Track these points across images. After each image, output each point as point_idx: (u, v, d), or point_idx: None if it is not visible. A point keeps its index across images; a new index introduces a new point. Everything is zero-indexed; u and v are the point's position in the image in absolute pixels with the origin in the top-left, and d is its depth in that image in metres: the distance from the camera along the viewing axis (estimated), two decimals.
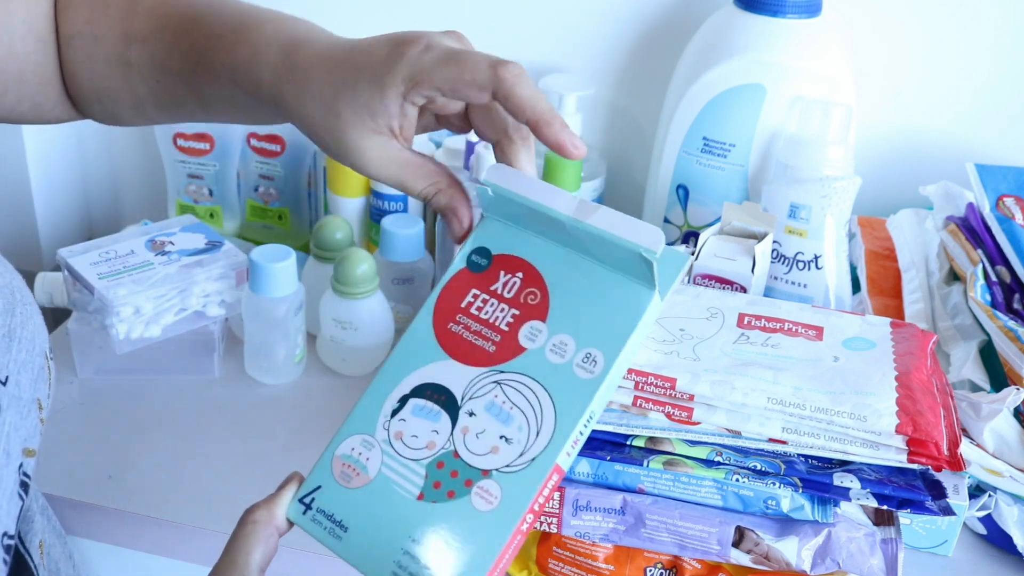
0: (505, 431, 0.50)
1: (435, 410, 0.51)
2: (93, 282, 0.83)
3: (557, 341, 0.51)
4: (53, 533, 0.62)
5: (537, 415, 0.50)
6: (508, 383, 0.51)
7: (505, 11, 1.02)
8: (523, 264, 0.53)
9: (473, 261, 0.55)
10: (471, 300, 0.54)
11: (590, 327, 0.51)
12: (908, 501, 0.61)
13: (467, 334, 0.53)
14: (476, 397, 0.51)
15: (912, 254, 0.89)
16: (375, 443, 0.52)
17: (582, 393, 0.50)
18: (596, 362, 0.50)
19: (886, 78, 0.98)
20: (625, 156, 1.05)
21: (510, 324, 0.52)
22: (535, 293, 0.52)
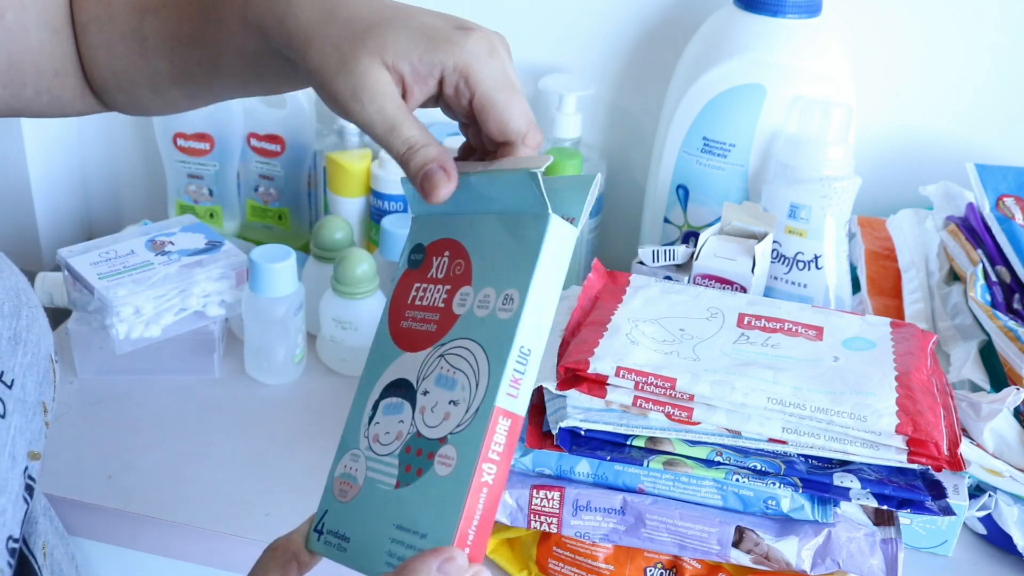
0: (452, 396, 0.50)
1: (399, 403, 0.52)
2: (93, 282, 0.83)
3: (481, 296, 0.51)
4: (56, 535, 0.62)
5: (475, 370, 0.50)
6: (448, 352, 0.51)
7: (505, 11, 1.02)
8: (448, 243, 0.54)
9: (412, 260, 0.56)
10: (415, 294, 0.55)
11: (504, 272, 0.51)
12: (908, 501, 0.61)
13: (415, 324, 0.54)
14: (428, 376, 0.52)
15: (912, 254, 0.89)
16: (360, 453, 0.53)
17: (505, 332, 0.49)
18: (512, 299, 0.50)
19: (886, 78, 0.98)
20: (625, 156, 1.05)
21: (445, 300, 0.53)
22: (460, 263, 0.53)
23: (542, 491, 0.65)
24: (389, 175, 0.95)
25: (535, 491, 0.65)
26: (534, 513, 0.66)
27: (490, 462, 0.49)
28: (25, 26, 0.66)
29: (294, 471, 0.79)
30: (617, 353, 0.65)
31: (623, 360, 0.65)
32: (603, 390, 0.64)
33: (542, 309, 0.50)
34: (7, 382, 0.53)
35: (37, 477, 0.55)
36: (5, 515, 0.51)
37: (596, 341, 0.67)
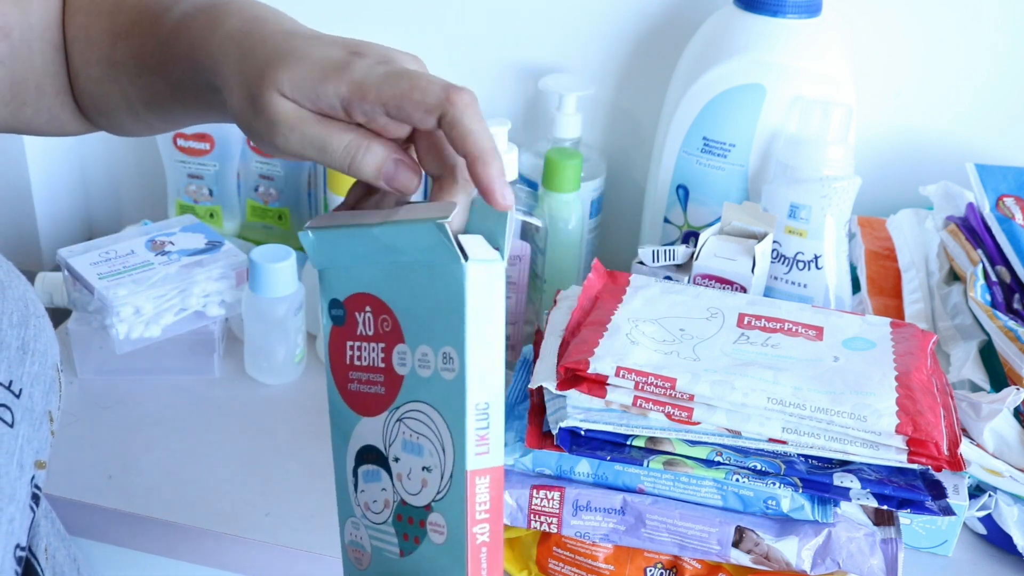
0: (423, 462, 0.50)
1: (375, 470, 0.52)
2: (93, 282, 0.83)
3: (420, 356, 0.50)
4: (57, 537, 0.62)
5: (437, 434, 0.49)
6: (405, 417, 0.50)
7: (505, 11, 1.02)
8: (366, 297, 0.52)
9: (334, 316, 0.54)
10: (351, 353, 0.53)
11: (435, 328, 0.49)
12: (908, 501, 0.61)
13: (362, 387, 0.52)
14: (393, 442, 0.51)
15: (912, 254, 0.89)
16: (359, 521, 0.53)
17: (455, 393, 0.48)
18: (452, 359, 0.48)
19: (886, 78, 0.98)
20: (625, 156, 1.05)
21: (384, 359, 0.51)
22: (386, 320, 0.51)
23: (542, 491, 0.65)
24: None
25: (535, 491, 0.65)
26: (534, 513, 0.66)
27: (480, 523, 0.48)
28: (30, 44, 0.66)
29: (294, 471, 0.79)
30: (617, 353, 0.65)
31: (623, 360, 0.64)
32: (603, 390, 0.64)
33: (487, 359, 0.48)
34: (15, 391, 0.53)
35: (43, 486, 0.56)
36: (13, 523, 0.51)
37: (596, 341, 0.67)
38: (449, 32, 1.04)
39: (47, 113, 0.68)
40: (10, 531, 0.51)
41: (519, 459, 0.67)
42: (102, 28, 0.65)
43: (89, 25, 0.66)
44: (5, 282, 0.56)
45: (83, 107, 0.69)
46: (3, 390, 0.53)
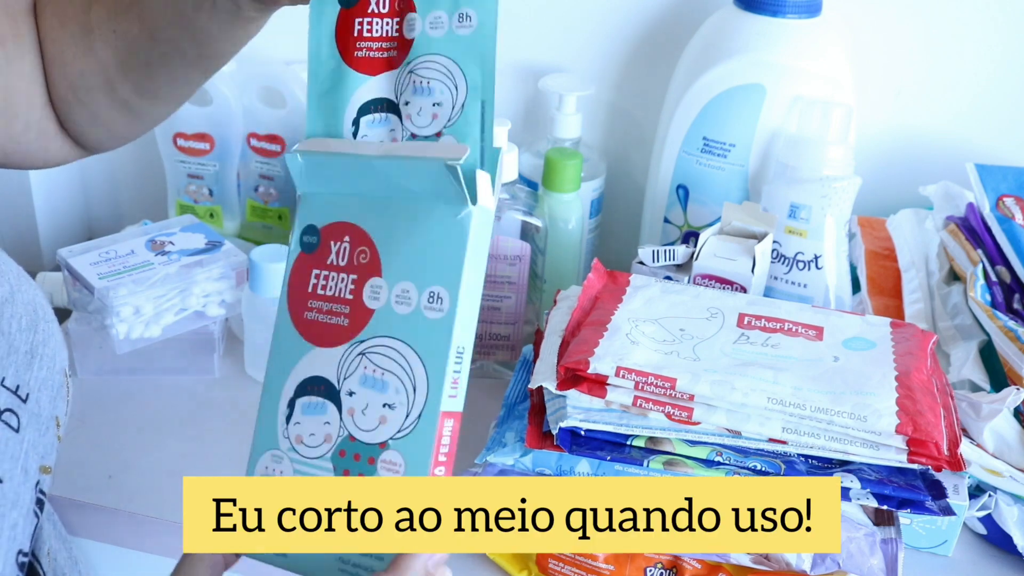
0: (385, 398, 0.49)
1: (320, 402, 0.51)
2: (93, 282, 0.83)
3: (399, 291, 0.50)
4: (58, 538, 0.62)
5: (408, 372, 0.49)
6: (371, 351, 0.50)
7: (505, 11, 1.02)
8: (347, 227, 0.52)
9: (305, 243, 0.53)
10: (315, 282, 0.52)
11: (425, 266, 0.49)
12: (908, 501, 0.61)
13: (321, 316, 0.51)
14: (349, 375, 0.50)
15: (912, 254, 0.89)
16: (283, 455, 0.52)
17: (440, 334, 0.48)
18: (442, 299, 0.49)
19: (886, 78, 0.98)
20: (625, 156, 1.05)
21: (353, 291, 0.51)
22: (365, 251, 0.51)
23: None
24: None
25: None
26: None
27: (440, 465, 0.49)
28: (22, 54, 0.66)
29: None
30: (617, 353, 0.65)
31: (623, 360, 0.65)
32: (603, 390, 0.64)
33: (473, 305, 0.49)
34: (22, 396, 0.54)
35: (47, 491, 0.56)
36: (16, 529, 0.51)
37: (596, 341, 0.67)
38: None
39: (35, 128, 0.69)
40: (12, 536, 0.51)
41: (519, 459, 0.67)
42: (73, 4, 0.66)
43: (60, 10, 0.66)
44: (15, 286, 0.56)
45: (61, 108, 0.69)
46: (10, 394, 0.53)
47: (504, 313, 0.87)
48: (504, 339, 0.89)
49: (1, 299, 0.55)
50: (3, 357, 0.53)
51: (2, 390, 0.52)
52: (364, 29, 0.53)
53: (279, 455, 0.52)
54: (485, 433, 0.74)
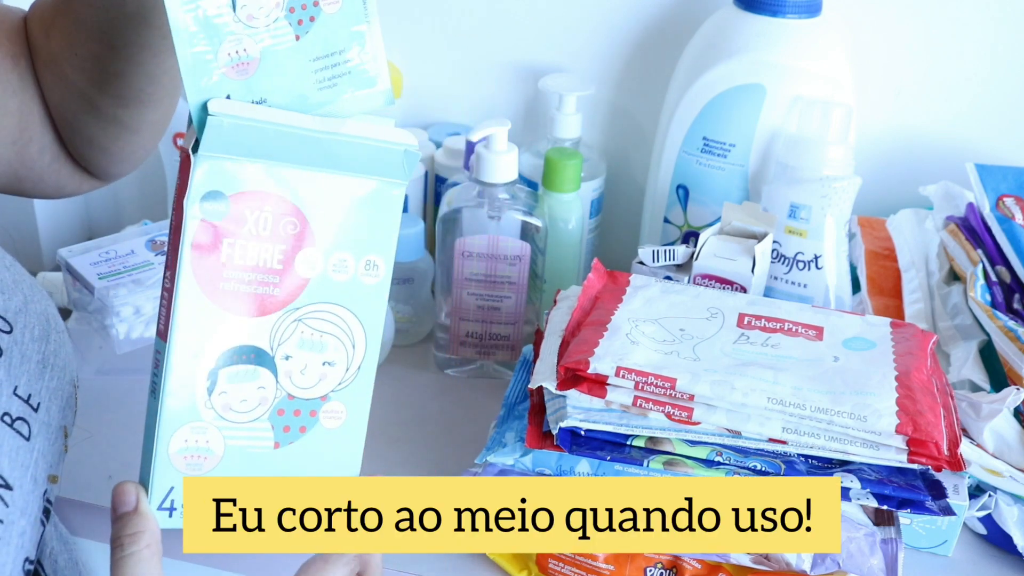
0: (324, 357, 0.53)
1: (250, 370, 0.52)
2: (93, 282, 0.83)
3: (336, 260, 0.52)
4: (59, 540, 0.62)
5: (347, 331, 0.53)
6: (308, 317, 0.52)
7: (505, 11, 1.02)
8: (264, 196, 0.51)
9: (208, 210, 0.50)
10: (229, 251, 0.50)
11: (361, 237, 0.53)
12: (908, 501, 0.61)
13: (243, 287, 0.51)
14: (284, 341, 0.52)
15: (912, 254, 0.89)
16: (207, 425, 0.52)
17: (376, 297, 0.54)
18: (378, 266, 0.53)
19: (886, 78, 0.98)
20: (625, 156, 1.05)
21: (282, 261, 0.51)
22: (293, 222, 0.51)
23: None
24: None
25: None
26: None
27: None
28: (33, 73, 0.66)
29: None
30: (617, 353, 0.65)
31: (623, 360, 0.65)
32: (603, 390, 0.64)
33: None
34: (33, 405, 0.54)
35: (54, 500, 0.56)
36: (24, 537, 0.51)
37: (596, 341, 0.67)
38: (449, 32, 1.04)
39: (50, 153, 0.68)
40: (20, 544, 0.51)
41: (519, 459, 0.67)
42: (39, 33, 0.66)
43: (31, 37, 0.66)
44: (28, 296, 0.57)
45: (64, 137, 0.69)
46: (22, 403, 0.53)
47: (504, 313, 0.87)
48: (504, 339, 0.89)
49: (15, 309, 0.55)
50: (16, 366, 0.54)
51: (14, 398, 0.53)
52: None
53: (203, 427, 0.52)
54: (485, 433, 0.74)
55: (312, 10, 0.51)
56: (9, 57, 0.65)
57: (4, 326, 0.54)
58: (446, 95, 1.07)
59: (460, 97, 1.07)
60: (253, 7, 0.51)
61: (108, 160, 0.71)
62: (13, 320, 0.54)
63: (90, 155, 0.70)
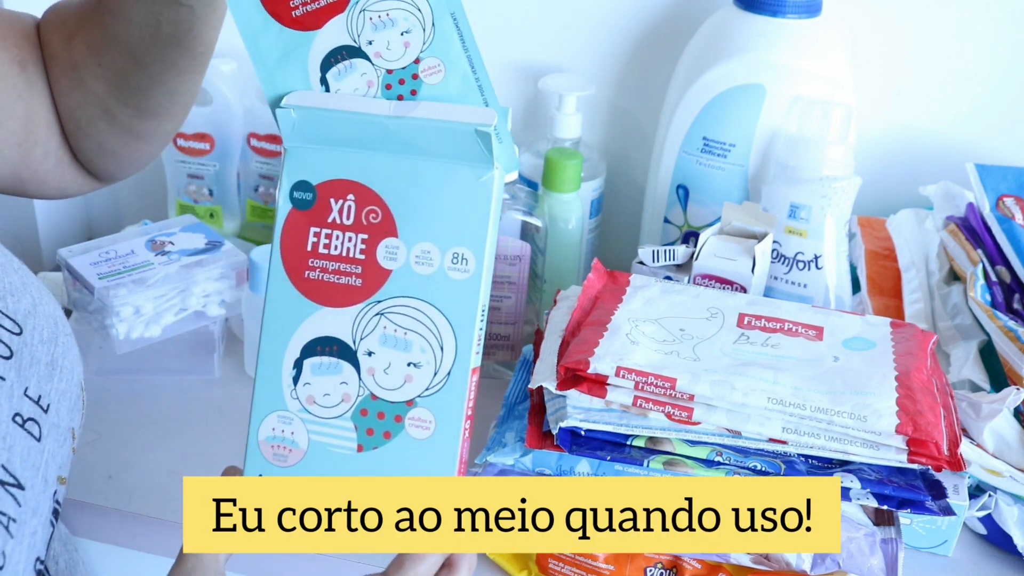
0: (410, 357, 0.50)
1: (333, 362, 0.51)
2: (93, 282, 0.83)
3: (419, 252, 0.50)
4: (60, 541, 0.62)
5: (433, 331, 0.50)
6: (390, 311, 0.50)
7: (505, 11, 1.02)
8: (351, 185, 0.51)
9: (297, 199, 0.51)
10: (315, 240, 0.51)
11: (446, 227, 0.50)
12: (908, 501, 0.61)
13: (327, 276, 0.51)
14: (367, 335, 0.50)
15: (912, 254, 0.89)
16: (292, 416, 0.52)
17: (467, 294, 0.50)
18: (467, 259, 0.50)
19: (886, 78, 0.98)
20: (625, 156, 1.05)
21: (364, 251, 0.50)
22: (375, 211, 0.50)
23: None
24: None
25: None
26: None
27: (468, 419, 0.51)
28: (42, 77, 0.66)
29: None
30: (617, 353, 0.65)
31: (623, 360, 0.65)
32: (603, 390, 0.64)
33: (491, 264, 0.51)
34: (44, 406, 0.54)
35: (63, 501, 0.56)
36: (36, 536, 0.52)
37: (596, 341, 0.67)
38: None
39: (54, 156, 0.69)
40: (32, 544, 0.51)
41: (519, 459, 0.67)
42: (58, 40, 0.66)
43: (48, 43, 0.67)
44: (37, 299, 0.57)
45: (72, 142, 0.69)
46: (33, 404, 0.53)
47: (504, 313, 0.87)
48: (504, 339, 0.89)
49: (24, 311, 0.55)
50: (26, 367, 0.54)
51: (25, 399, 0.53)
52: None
53: (287, 416, 0.52)
54: (485, 433, 0.74)
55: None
56: (16, 62, 0.65)
57: (15, 328, 0.54)
58: None
59: None
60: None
61: (115, 165, 0.72)
62: (23, 322, 0.55)
63: (98, 160, 0.71)
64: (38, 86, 0.66)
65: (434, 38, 0.51)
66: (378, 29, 0.51)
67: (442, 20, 0.50)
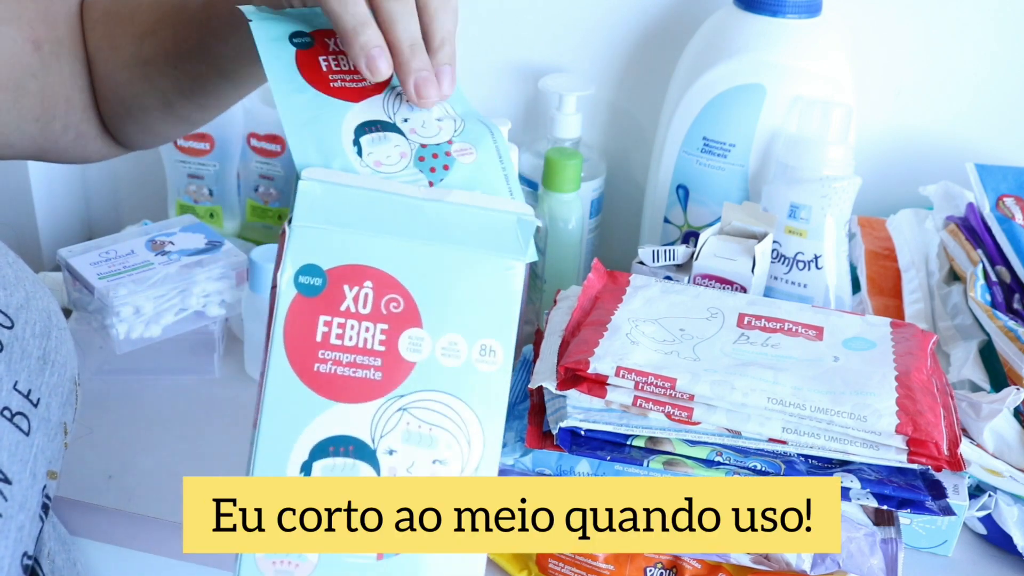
0: (435, 454, 0.47)
1: (349, 463, 0.47)
2: (93, 282, 0.83)
3: (446, 343, 0.47)
4: (57, 540, 0.62)
5: (460, 425, 0.47)
6: (414, 407, 0.47)
7: (505, 11, 1.02)
8: (368, 271, 0.47)
9: (303, 285, 0.46)
10: (325, 330, 0.46)
11: (474, 318, 0.47)
12: (908, 501, 0.61)
13: (341, 369, 0.46)
14: (388, 433, 0.47)
15: (912, 254, 0.89)
16: None
17: (495, 386, 0.47)
18: (495, 351, 0.47)
19: (886, 78, 0.98)
20: (625, 156, 1.05)
21: (384, 342, 0.46)
22: (396, 300, 0.47)
23: None
24: None
25: None
26: None
27: None
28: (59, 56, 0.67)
29: None
30: (617, 353, 0.65)
31: (623, 360, 0.65)
32: (603, 390, 0.64)
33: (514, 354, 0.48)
34: (33, 401, 0.54)
35: (53, 496, 0.56)
36: (22, 532, 0.52)
37: (596, 341, 0.67)
38: None
39: (75, 130, 0.69)
40: (19, 539, 0.51)
41: (519, 459, 0.67)
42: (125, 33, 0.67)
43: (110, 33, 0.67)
44: (31, 293, 0.57)
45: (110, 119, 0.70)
46: (22, 398, 0.53)
47: None
48: None
49: (17, 305, 0.55)
50: (16, 361, 0.54)
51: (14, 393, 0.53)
52: (332, 65, 0.51)
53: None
54: None
55: (445, 159, 0.50)
56: (30, 41, 0.65)
57: (5, 321, 0.54)
58: None
59: None
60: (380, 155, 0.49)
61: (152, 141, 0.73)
62: (15, 316, 0.55)
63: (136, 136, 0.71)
64: (55, 67, 0.66)
65: (466, 127, 0.51)
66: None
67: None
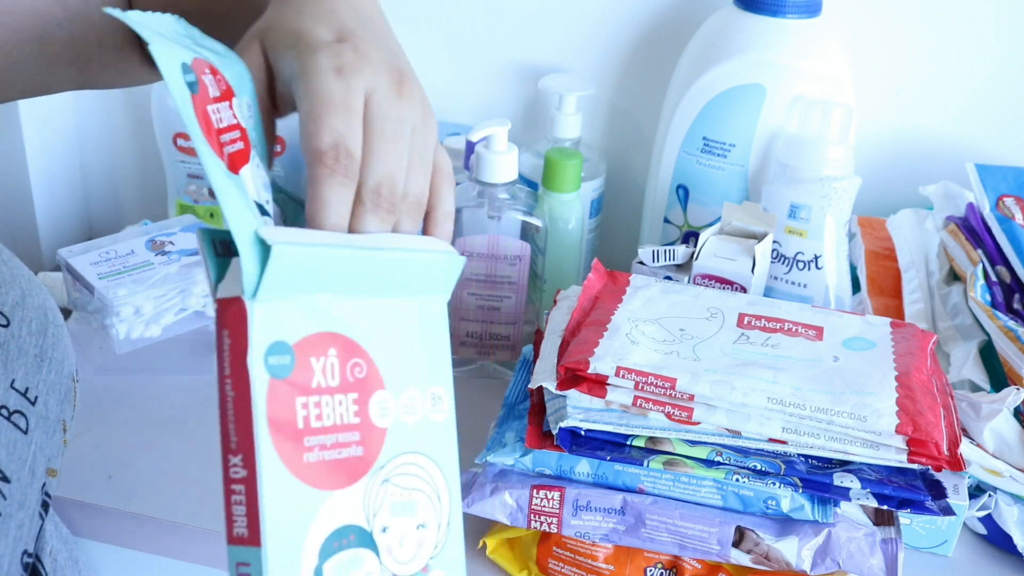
0: (417, 520, 0.44)
1: (355, 556, 0.42)
2: (93, 282, 0.83)
3: (406, 400, 0.44)
4: (59, 539, 0.62)
5: (430, 483, 0.45)
6: (395, 474, 0.44)
7: (505, 11, 1.02)
8: (329, 338, 0.42)
9: (274, 366, 0.40)
10: (304, 414, 0.41)
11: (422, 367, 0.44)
12: (908, 501, 0.61)
13: (328, 453, 0.41)
14: (379, 510, 0.43)
15: (912, 254, 0.89)
16: None
17: (446, 434, 0.45)
18: (442, 399, 0.45)
19: (886, 78, 0.98)
20: (625, 156, 1.05)
21: (358, 412, 0.42)
22: (360, 364, 0.43)
23: (542, 491, 0.65)
24: None
25: (535, 491, 0.65)
26: (534, 513, 0.66)
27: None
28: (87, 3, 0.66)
29: None
30: (617, 353, 0.65)
31: (623, 360, 0.65)
32: (603, 390, 0.64)
33: None
34: (31, 398, 0.54)
35: (53, 494, 0.56)
36: (22, 529, 0.52)
37: (596, 341, 0.67)
38: (449, 32, 1.04)
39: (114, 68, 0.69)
40: (19, 537, 0.51)
41: (519, 459, 0.67)
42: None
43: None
44: (26, 291, 0.57)
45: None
46: (19, 396, 0.53)
47: (504, 313, 0.87)
48: (504, 339, 0.89)
49: (12, 303, 0.55)
50: (13, 359, 0.54)
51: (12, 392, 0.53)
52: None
53: None
54: (485, 433, 0.74)
55: None
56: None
57: (1, 320, 0.54)
58: (446, 95, 1.07)
59: (460, 97, 1.07)
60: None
61: None
62: (10, 314, 0.55)
63: None
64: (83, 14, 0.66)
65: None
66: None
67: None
